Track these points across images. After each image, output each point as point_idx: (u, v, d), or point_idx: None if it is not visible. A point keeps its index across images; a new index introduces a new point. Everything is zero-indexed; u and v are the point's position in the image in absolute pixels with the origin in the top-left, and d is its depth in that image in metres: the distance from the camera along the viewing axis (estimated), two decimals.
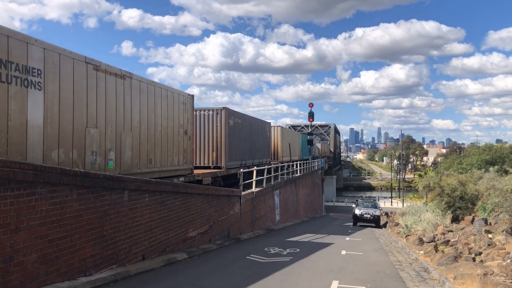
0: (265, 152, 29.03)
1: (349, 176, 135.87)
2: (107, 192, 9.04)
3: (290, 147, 38.70)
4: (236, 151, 21.99)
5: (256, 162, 25.81)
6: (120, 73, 11.26)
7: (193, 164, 16.26)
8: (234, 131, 21.60)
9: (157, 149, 13.29)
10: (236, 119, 22.23)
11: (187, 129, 15.73)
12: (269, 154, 30.32)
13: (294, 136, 42.86)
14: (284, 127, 37.60)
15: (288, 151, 37.65)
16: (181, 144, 15.18)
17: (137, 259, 10.32)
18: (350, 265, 12.19)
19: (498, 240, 13.78)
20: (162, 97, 13.78)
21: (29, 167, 6.88)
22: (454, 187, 22.44)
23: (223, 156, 20.18)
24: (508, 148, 44.28)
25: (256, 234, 19.63)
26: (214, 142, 20.25)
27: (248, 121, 25.06)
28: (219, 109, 20.57)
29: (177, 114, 14.92)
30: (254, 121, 26.86)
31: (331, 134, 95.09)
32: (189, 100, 16.18)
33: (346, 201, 72.19)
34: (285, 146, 36.10)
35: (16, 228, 6.71)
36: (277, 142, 34.43)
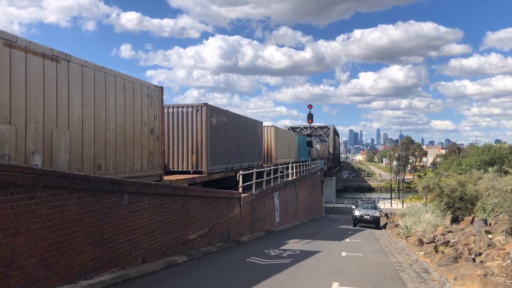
0: (256, 154, 26.84)
1: (349, 177, 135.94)
2: (106, 195, 9.03)
3: (285, 148, 36.89)
4: (221, 153, 19.83)
5: (245, 165, 23.90)
6: (50, 53, 8.97)
7: (162, 169, 14.15)
8: (218, 131, 19.43)
9: (109, 151, 11.07)
10: (220, 117, 19.90)
11: (153, 128, 13.59)
12: (261, 156, 28.08)
13: (289, 136, 41.02)
14: (279, 127, 35.26)
15: (283, 152, 35.81)
16: (145, 146, 13.06)
17: (137, 262, 10.31)
18: (350, 267, 12.19)
19: (498, 240, 13.78)
20: (117, 87, 11.49)
21: (29, 170, 6.88)
22: (453, 188, 22.46)
23: (204, 159, 17.90)
24: (507, 149, 44.33)
25: (256, 236, 19.61)
26: (193, 143, 17.98)
27: (235, 119, 22.59)
28: (199, 105, 18.13)
29: (140, 109, 12.74)
30: (243, 120, 24.32)
31: (330, 135, 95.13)
32: (157, 93, 13.91)
33: (345, 203, 72.21)
34: (279, 147, 34.07)
35: (16, 232, 6.71)
36: (271, 143, 32.38)
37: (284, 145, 36.19)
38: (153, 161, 13.51)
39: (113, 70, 11.43)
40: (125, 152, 11.87)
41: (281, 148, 34.89)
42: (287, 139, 38.38)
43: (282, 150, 35.31)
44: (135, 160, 12.43)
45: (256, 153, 26.66)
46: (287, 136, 39.11)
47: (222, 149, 19.98)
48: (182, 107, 18.28)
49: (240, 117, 23.86)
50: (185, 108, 18.26)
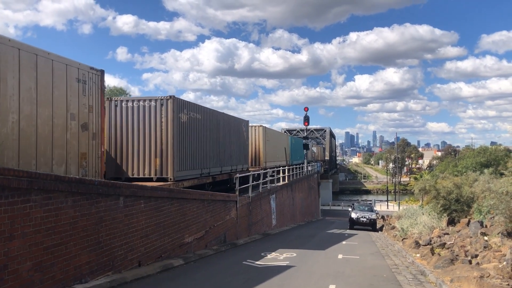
0: (241, 157, 23.98)
1: (345, 179, 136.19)
2: (102, 199, 8.99)
3: (276, 151, 34.29)
4: (194, 156, 17.00)
5: (226, 169, 21.27)
6: None
7: (102, 176, 11.51)
8: (189, 130, 16.66)
9: (8, 152, 8.33)
10: (193, 113, 17.07)
11: (87, 122, 10.83)
12: (246, 160, 25.15)
13: (281, 137, 38.11)
14: (268, 127, 32.14)
15: (274, 155, 33.15)
16: (74, 146, 10.30)
17: (133, 265, 10.26)
18: (347, 269, 12.18)
19: (494, 242, 13.80)
20: (22, 65, 8.67)
21: (24, 174, 6.83)
22: (449, 190, 22.49)
23: (170, 163, 15.08)
24: (503, 151, 44.53)
25: (252, 239, 19.58)
26: (157, 144, 15.19)
27: (213, 117, 19.62)
28: (164, 98, 15.37)
29: (64, 96, 9.97)
30: (224, 118, 21.27)
31: (327, 138, 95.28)
32: (94, 77, 11.13)
33: (342, 205, 72.36)
34: (269, 149, 31.15)
35: (10, 235, 6.66)
36: (258, 145, 29.33)
37: (274, 147, 33.50)
38: (87, 167, 10.74)
39: (16, 41, 8.59)
40: (37, 154, 9.11)
41: (271, 150, 32.20)
42: (278, 141, 35.73)
43: (272, 153, 32.65)
44: (56, 164, 9.66)
45: (240, 156, 23.84)
46: (278, 137, 36.38)
47: (195, 152, 17.11)
48: (144, 100, 15.54)
49: (220, 114, 20.84)
50: (147, 101, 15.48)
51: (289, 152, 40.01)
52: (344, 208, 65.13)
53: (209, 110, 19.25)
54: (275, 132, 36.47)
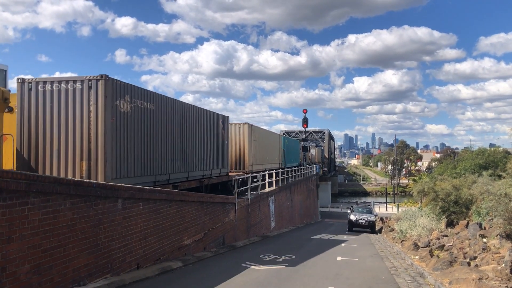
0: (218, 160, 19.88)
1: (344, 181, 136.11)
2: (100, 201, 8.98)
3: (265, 152, 30.38)
4: (142, 159, 12.78)
5: (196, 175, 17.14)
6: None
7: None
8: (134, 123, 12.37)
9: None
10: (141, 102, 12.82)
11: None
12: (225, 163, 21.00)
13: (271, 137, 33.61)
14: (256, 125, 28.04)
15: (262, 157, 29.15)
16: None
17: (132, 268, 10.25)
18: (345, 271, 12.17)
19: (492, 244, 13.82)
20: None
21: (22, 176, 6.82)
22: (448, 192, 22.51)
23: (100, 168, 10.97)
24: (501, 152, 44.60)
25: (251, 241, 19.57)
26: (83, 142, 11.15)
27: (175, 108, 15.24)
28: (94, 78, 11.24)
29: None
30: (191, 110, 16.87)
31: (326, 140, 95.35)
32: None
33: (341, 207, 72.24)
34: (256, 150, 27.13)
35: (8, 238, 6.64)
36: (243, 145, 25.42)
37: (263, 148, 29.57)
38: None
39: None
40: None
41: (259, 152, 28.15)
42: (268, 141, 31.55)
43: (260, 154, 28.68)
44: None
45: (216, 159, 19.68)
46: (268, 137, 31.96)
47: (145, 153, 12.99)
48: (67, 81, 11.41)
49: (186, 106, 16.55)
50: (71, 83, 11.36)
51: (281, 153, 36.71)
52: (343, 210, 64.99)
53: (169, 100, 14.98)
54: (264, 131, 31.78)
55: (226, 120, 21.72)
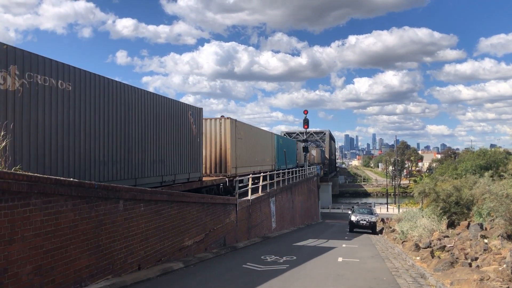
0: (187, 163, 16.77)
1: (345, 182, 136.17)
2: (102, 202, 8.99)
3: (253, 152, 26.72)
4: (49, 159, 9.62)
5: (152, 181, 14.17)
6: None
7: None
8: (29, 107, 9.08)
9: None
10: (41, 77, 9.31)
11: None
12: (197, 166, 17.84)
13: (261, 136, 29.59)
14: (241, 121, 24.08)
15: (249, 158, 25.56)
16: None
17: (133, 269, 10.25)
18: (347, 272, 12.17)
19: (493, 245, 13.81)
20: None
21: (24, 177, 6.83)
22: (449, 193, 22.50)
23: None
24: (502, 153, 44.56)
25: (252, 242, 19.56)
26: None
27: (111, 91, 12.02)
28: None
29: None
30: (141, 96, 13.56)
31: (326, 140, 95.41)
32: None
33: (342, 208, 72.29)
34: (241, 150, 23.69)
35: (10, 239, 6.65)
36: (225, 144, 21.53)
37: (251, 148, 26.01)
38: None
39: None
40: None
41: (245, 152, 24.48)
42: (257, 140, 27.71)
43: (248, 155, 25.07)
44: None
45: (184, 160, 16.52)
46: (257, 135, 27.91)
47: (51, 151, 9.67)
48: None
49: (134, 91, 13.21)
50: None
51: (274, 154, 33.50)
52: (344, 211, 65.06)
53: (103, 80, 11.65)
54: (252, 128, 27.32)
55: (197, 112, 17.80)
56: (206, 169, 21.05)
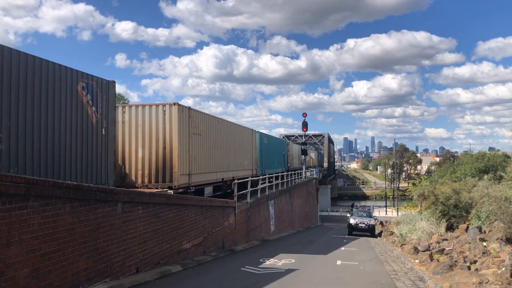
0: (81, 167, 11.35)
1: (344, 185, 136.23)
2: (100, 205, 8.97)
3: (222, 154, 20.62)
4: None
5: None
6: None
7: None
8: None
9: None
10: None
11: None
12: (103, 173, 12.36)
13: (237, 133, 23.61)
14: (197, 110, 17.83)
15: (214, 161, 19.43)
16: None
17: (131, 272, 10.22)
18: (345, 275, 12.14)
19: (492, 248, 13.79)
20: None
21: (21, 180, 6.81)
22: (448, 196, 22.50)
23: None
24: (501, 156, 44.58)
25: (251, 245, 19.53)
26: None
27: None
28: None
29: None
30: None
31: (325, 143, 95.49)
32: None
33: (341, 211, 72.28)
34: (198, 151, 17.47)
35: (7, 242, 6.62)
36: (170, 142, 15.67)
37: (216, 148, 19.79)
38: None
39: None
40: None
41: (205, 154, 18.42)
42: (228, 137, 21.84)
43: (209, 158, 18.80)
44: None
45: (73, 165, 11.06)
46: (228, 131, 21.95)
47: None
48: None
49: None
50: None
51: (257, 156, 27.97)
52: (343, 214, 65.03)
53: None
54: (220, 122, 20.82)
55: (102, 87, 12.28)
56: (143, 178, 15.79)
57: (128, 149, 15.98)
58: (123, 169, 15.89)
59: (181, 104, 16.10)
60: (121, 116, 15.94)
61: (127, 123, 16.02)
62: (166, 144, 15.73)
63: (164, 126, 15.74)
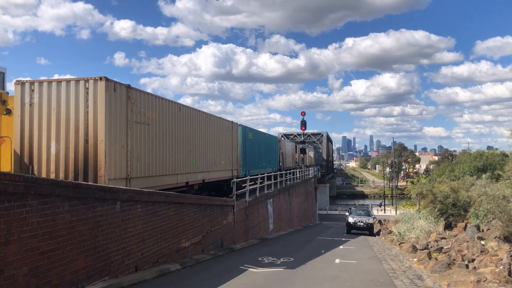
0: None
1: (342, 184, 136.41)
2: (99, 203, 8.97)
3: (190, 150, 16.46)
4: None
5: None
6: None
7: None
8: None
9: None
10: None
11: None
12: None
13: (207, 124, 18.66)
14: (141, 90, 13.00)
15: (165, 161, 14.35)
16: None
17: (130, 270, 10.22)
18: (344, 274, 12.17)
19: (490, 246, 13.84)
20: None
21: (20, 178, 6.81)
22: (446, 194, 22.57)
23: None
24: (499, 155, 44.67)
25: (249, 244, 19.54)
26: None
27: None
28: None
29: None
30: None
31: (324, 142, 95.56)
32: None
33: (339, 209, 72.37)
34: (142, 146, 12.86)
35: (6, 240, 6.63)
36: (94, 132, 11.19)
37: (176, 142, 15.30)
38: None
39: None
40: None
41: (156, 150, 13.77)
42: (195, 129, 17.24)
43: (162, 155, 14.17)
44: None
45: None
46: (195, 122, 17.26)
47: None
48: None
49: None
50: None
51: (238, 154, 23.69)
52: (341, 212, 65.07)
53: None
54: (182, 108, 16.07)
55: None
56: None
57: (37, 143, 11.45)
58: (31, 171, 11.39)
59: (112, 80, 11.42)
60: (29, 96, 11.50)
61: (36, 107, 11.49)
62: (90, 136, 11.23)
63: (87, 110, 11.25)
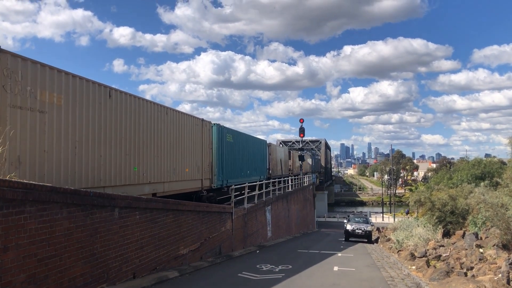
0: None
1: (340, 191, 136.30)
2: (97, 210, 8.95)
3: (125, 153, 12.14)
4: None
5: None
6: None
7: None
8: None
9: None
10: None
11: None
12: None
13: (159, 118, 14.30)
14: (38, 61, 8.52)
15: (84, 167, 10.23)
16: None
17: (128, 277, 10.18)
18: (342, 281, 12.13)
19: (489, 254, 13.82)
20: None
21: (19, 185, 6.80)
22: (444, 202, 22.57)
23: None
24: (497, 163, 44.76)
25: (248, 251, 19.49)
26: None
27: None
28: None
29: None
30: None
31: (322, 149, 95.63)
32: None
33: (337, 217, 72.26)
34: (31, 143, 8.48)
35: (4, 247, 6.60)
36: None
37: (104, 140, 11.18)
38: None
39: None
40: None
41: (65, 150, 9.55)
42: (141, 124, 13.11)
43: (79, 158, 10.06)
44: None
45: None
46: (140, 114, 13.03)
47: None
48: None
49: None
50: None
51: (212, 160, 19.91)
52: (340, 219, 64.98)
53: None
54: (108, 91, 11.34)
55: None
56: None
57: None
58: None
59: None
60: None
61: None
62: None
63: None
